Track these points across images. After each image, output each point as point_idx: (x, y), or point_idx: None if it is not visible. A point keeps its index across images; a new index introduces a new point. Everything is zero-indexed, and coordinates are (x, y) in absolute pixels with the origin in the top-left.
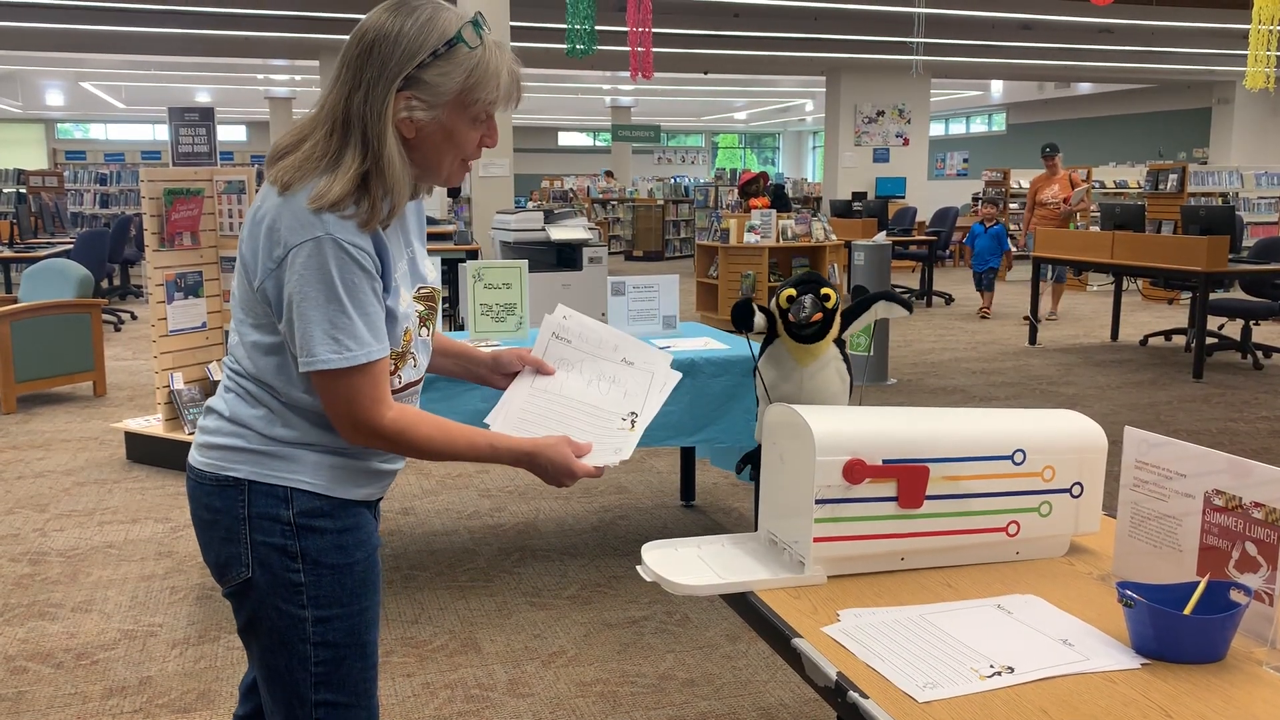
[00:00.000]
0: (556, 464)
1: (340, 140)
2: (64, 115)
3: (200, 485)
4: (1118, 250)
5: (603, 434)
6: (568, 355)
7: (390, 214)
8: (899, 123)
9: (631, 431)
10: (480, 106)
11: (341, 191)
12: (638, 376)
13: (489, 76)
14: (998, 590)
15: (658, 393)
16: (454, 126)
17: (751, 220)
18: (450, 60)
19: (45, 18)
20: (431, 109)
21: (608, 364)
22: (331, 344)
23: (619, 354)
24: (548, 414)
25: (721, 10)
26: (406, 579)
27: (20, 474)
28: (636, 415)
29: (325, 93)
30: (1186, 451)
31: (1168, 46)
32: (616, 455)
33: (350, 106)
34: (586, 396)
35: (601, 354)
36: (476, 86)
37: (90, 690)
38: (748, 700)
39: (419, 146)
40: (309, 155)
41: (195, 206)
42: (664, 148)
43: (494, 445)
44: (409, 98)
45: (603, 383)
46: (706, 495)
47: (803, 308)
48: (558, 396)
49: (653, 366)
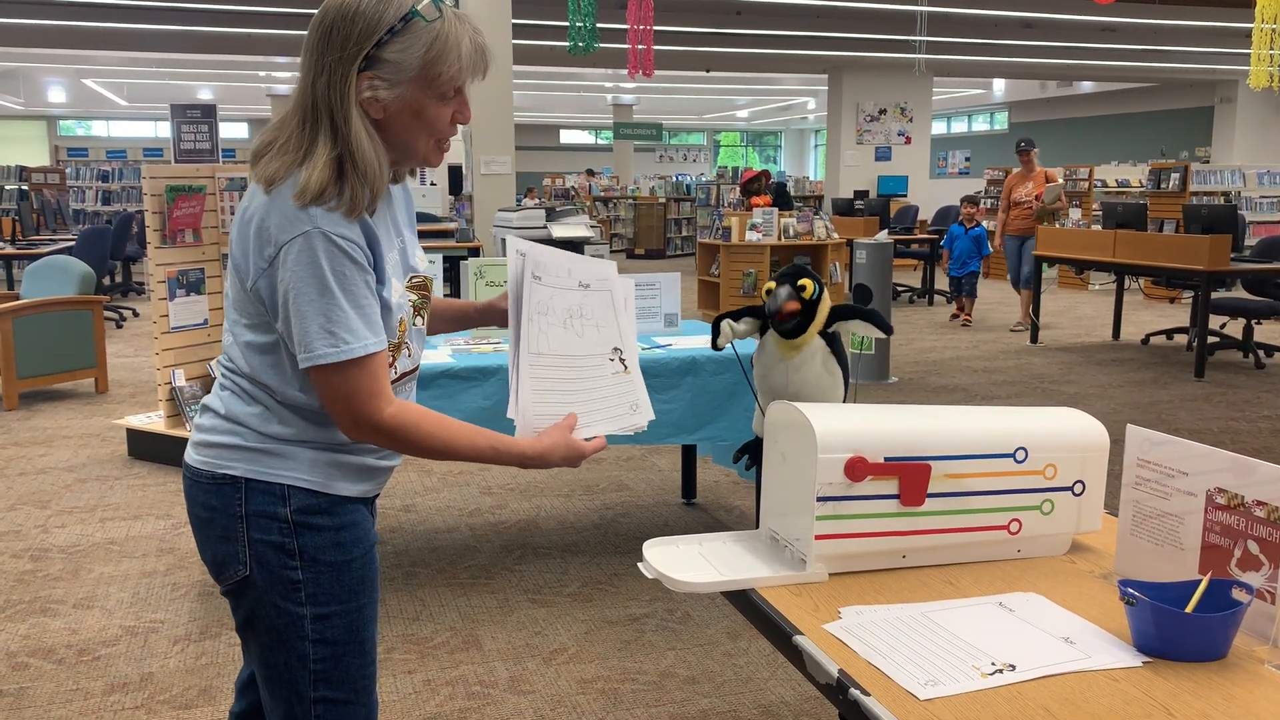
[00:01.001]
0: (565, 458)
1: (311, 129)
2: (66, 112)
3: (197, 483)
4: (1120, 249)
5: (605, 387)
6: (543, 297)
7: (373, 199)
8: (901, 121)
9: (628, 374)
10: (445, 81)
11: (320, 180)
12: (600, 299)
13: (449, 49)
14: (999, 588)
15: (625, 313)
16: (421, 104)
17: (753, 218)
18: (409, 35)
19: (47, 14)
20: (395, 87)
21: (573, 294)
22: (328, 338)
23: (574, 277)
24: (552, 388)
25: (723, 8)
26: (408, 576)
27: (22, 470)
28: (621, 351)
29: (295, 84)
30: (1189, 450)
31: (1170, 45)
32: (634, 414)
33: (315, 93)
34: (574, 348)
35: (565, 284)
36: (438, 60)
37: (92, 686)
38: (749, 698)
39: (389, 127)
40: (285, 148)
41: (197, 204)
42: (666, 146)
43: (496, 447)
44: (371, 78)
45: (576, 321)
46: (708, 493)
47: (776, 299)
48: (550, 359)
49: (609, 284)
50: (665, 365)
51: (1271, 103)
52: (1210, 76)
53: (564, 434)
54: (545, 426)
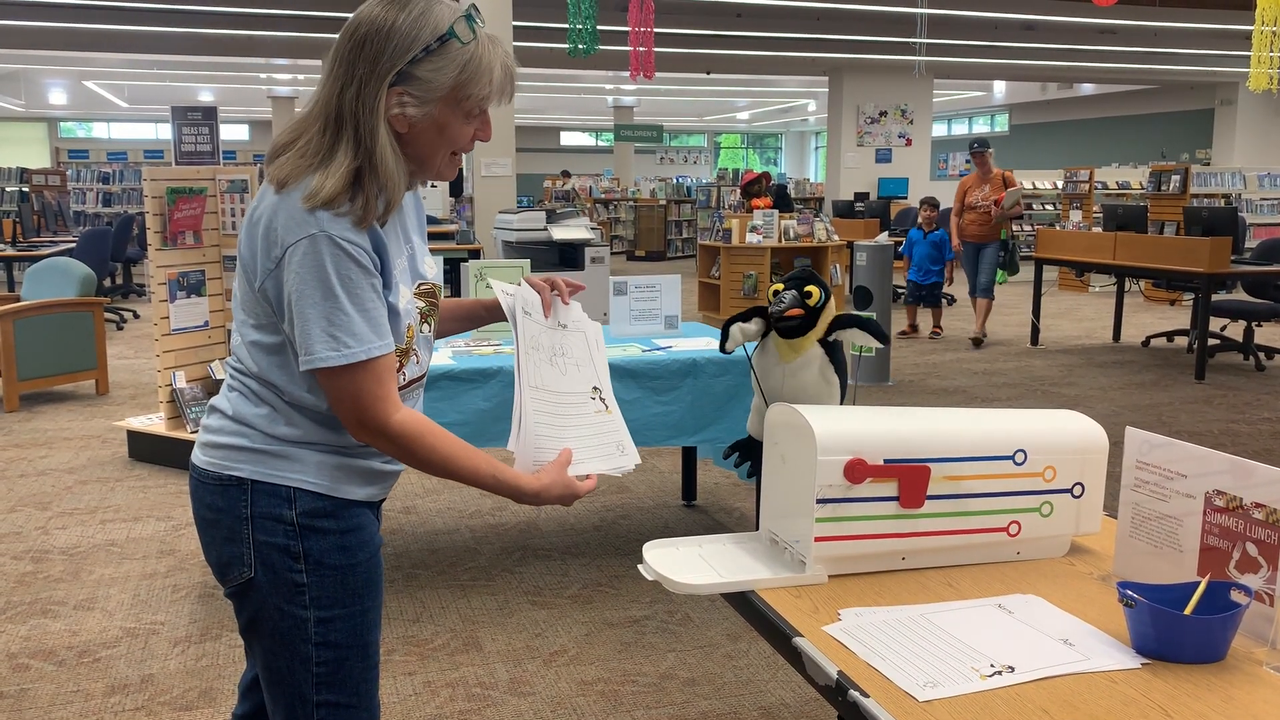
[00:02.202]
0: (561, 497)
1: (333, 137)
2: (67, 114)
3: (203, 484)
4: (1120, 251)
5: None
6: (534, 332)
7: (386, 210)
8: (901, 123)
9: (610, 414)
10: (473, 102)
11: (334, 188)
12: (576, 340)
13: (482, 72)
14: (998, 590)
15: (598, 352)
16: (447, 122)
17: (754, 220)
18: (443, 56)
19: (48, 16)
20: (424, 105)
21: (555, 333)
22: (330, 341)
23: (554, 317)
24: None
25: (724, 10)
26: (408, 578)
27: (23, 472)
28: (600, 390)
29: (319, 88)
30: (1187, 452)
31: (1170, 47)
32: (622, 455)
33: (342, 103)
34: (561, 385)
35: (548, 323)
36: (470, 82)
37: (92, 688)
38: (749, 699)
39: (412, 141)
40: (303, 152)
41: (198, 205)
42: (666, 147)
43: (496, 475)
44: (401, 94)
45: (559, 359)
46: (708, 495)
47: (781, 301)
48: (545, 394)
49: (581, 325)
50: (665, 367)
51: (1272, 105)
52: (1211, 79)
53: (561, 472)
54: (543, 459)
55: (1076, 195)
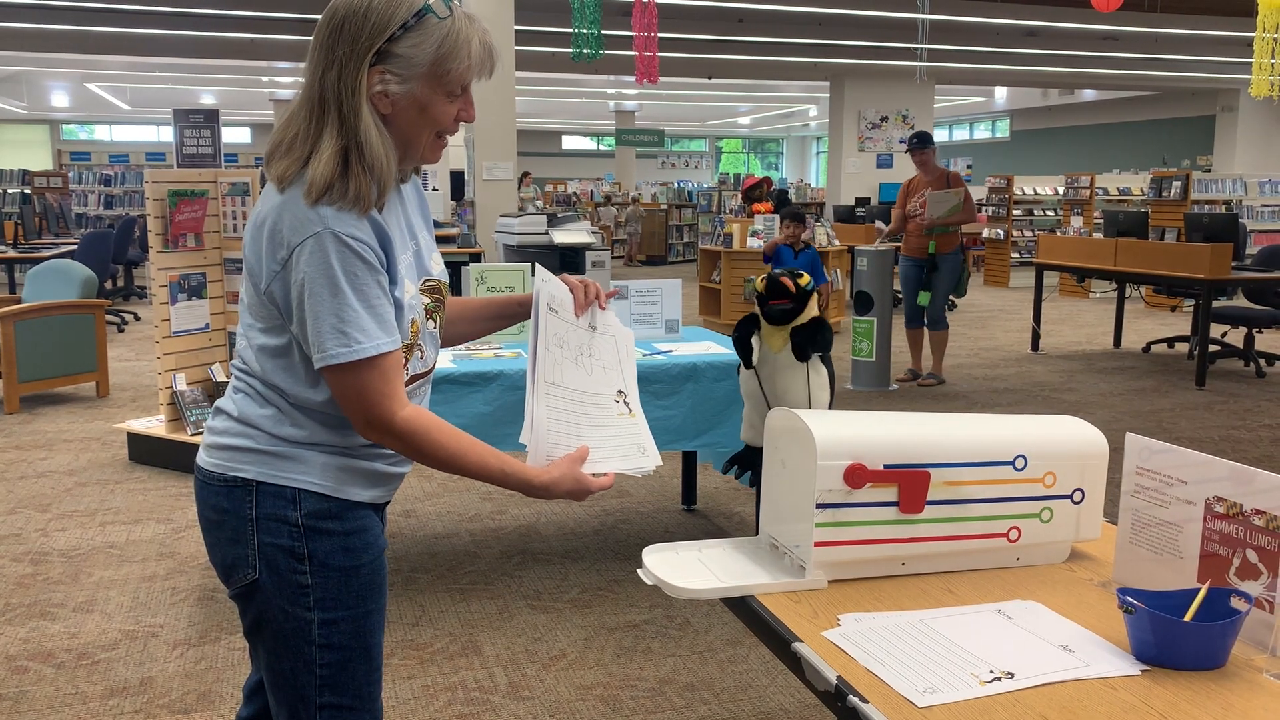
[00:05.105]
0: (571, 491)
1: (318, 121)
2: (69, 116)
3: (208, 486)
4: (1121, 257)
5: (613, 426)
6: (559, 330)
7: (380, 193)
8: (903, 128)
9: (633, 417)
10: (454, 78)
11: (325, 174)
12: (606, 343)
13: (460, 46)
14: (998, 596)
15: (628, 359)
16: (429, 100)
17: (755, 225)
18: (420, 31)
19: (50, 19)
20: (405, 82)
21: (583, 333)
22: (340, 337)
23: (584, 319)
24: (566, 419)
25: (726, 15)
26: (407, 581)
27: (23, 474)
28: (625, 394)
29: (304, 79)
30: (1188, 459)
31: (1172, 54)
32: (642, 456)
33: (325, 86)
34: (584, 384)
35: (577, 323)
36: (448, 56)
37: (91, 690)
38: (748, 705)
39: (395, 121)
40: (292, 144)
41: (199, 208)
42: (668, 152)
43: (504, 469)
44: (382, 72)
45: (585, 359)
46: (708, 499)
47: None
48: (564, 391)
49: (612, 329)
50: (666, 371)
51: (1273, 111)
52: (1212, 85)
53: (573, 466)
54: (556, 455)
55: (1077, 201)
